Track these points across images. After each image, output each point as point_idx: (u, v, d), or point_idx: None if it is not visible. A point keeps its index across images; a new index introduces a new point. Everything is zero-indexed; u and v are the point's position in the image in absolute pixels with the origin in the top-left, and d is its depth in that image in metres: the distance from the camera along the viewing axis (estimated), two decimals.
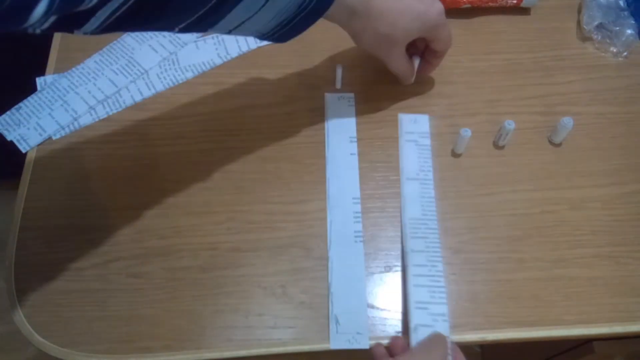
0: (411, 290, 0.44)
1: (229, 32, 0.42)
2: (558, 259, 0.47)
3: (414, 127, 0.53)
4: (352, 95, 0.55)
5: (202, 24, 0.39)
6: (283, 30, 0.44)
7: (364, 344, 0.43)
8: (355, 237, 0.47)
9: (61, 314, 0.45)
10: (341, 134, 0.53)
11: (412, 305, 0.43)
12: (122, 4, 0.33)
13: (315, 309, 0.45)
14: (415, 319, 0.42)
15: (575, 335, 0.44)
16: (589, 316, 0.44)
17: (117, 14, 0.34)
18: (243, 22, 0.40)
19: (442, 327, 0.42)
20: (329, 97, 0.55)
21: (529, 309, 0.45)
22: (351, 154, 0.52)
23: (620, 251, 0.47)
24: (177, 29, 0.39)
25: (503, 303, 0.45)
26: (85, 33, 0.35)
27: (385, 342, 0.43)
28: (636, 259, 0.47)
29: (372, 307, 0.45)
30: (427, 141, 0.52)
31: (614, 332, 0.44)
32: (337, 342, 0.43)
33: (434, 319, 0.42)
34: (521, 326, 0.44)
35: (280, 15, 0.41)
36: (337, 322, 0.43)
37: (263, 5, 0.39)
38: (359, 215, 0.49)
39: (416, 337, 0.41)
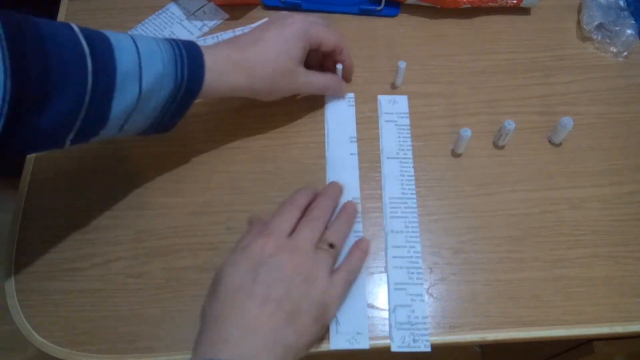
0: (390, 272, 0.46)
1: (119, 132, 0.41)
2: (558, 259, 0.47)
3: (393, 108, 0.54)
4: (352, 95, 0.55)
5: (88, 130, 0.39)
6: (160, 126, 0.44)
7: (364, 344, 0.43)
8: (356, 237, 0.47)
9: (61, 314, 0.45)
10: (341, 134, 0.53)
11: (391, 287, 0.45)
12: None
13: None
14: (394, 299, 0.44)
15: (575, 335, 0.44)
16: (589, 316, 0.44)
17: None
18: (123, 126, 0.41)
19: (420, 307, 0.44)
20: (329, 97, 0.55)
21: (529, 309, 0.45)
22: (351, 154, 0.52)
23: (620, 251, 0.47)
24: (68, 142, 0.38)
25: (503, 303, 0.45)
26: None
27: (386, 341, 0.43)
28: (636, 259, 0.47)
29: (372, 307, 0.45)
30: (407, 121, 0.54)
31: (614, 332, 0.44)
32: (337, 342, 0.43)
33: (412, 299, 0.45)
34: (521, 326, 0.44)
35: (149, 119, 0.42)
36: (337, 322, 0.43)
37: (131, 114, 0.40)
38: (359, 215, 0.49)
39: (395, 318, 0.43)
